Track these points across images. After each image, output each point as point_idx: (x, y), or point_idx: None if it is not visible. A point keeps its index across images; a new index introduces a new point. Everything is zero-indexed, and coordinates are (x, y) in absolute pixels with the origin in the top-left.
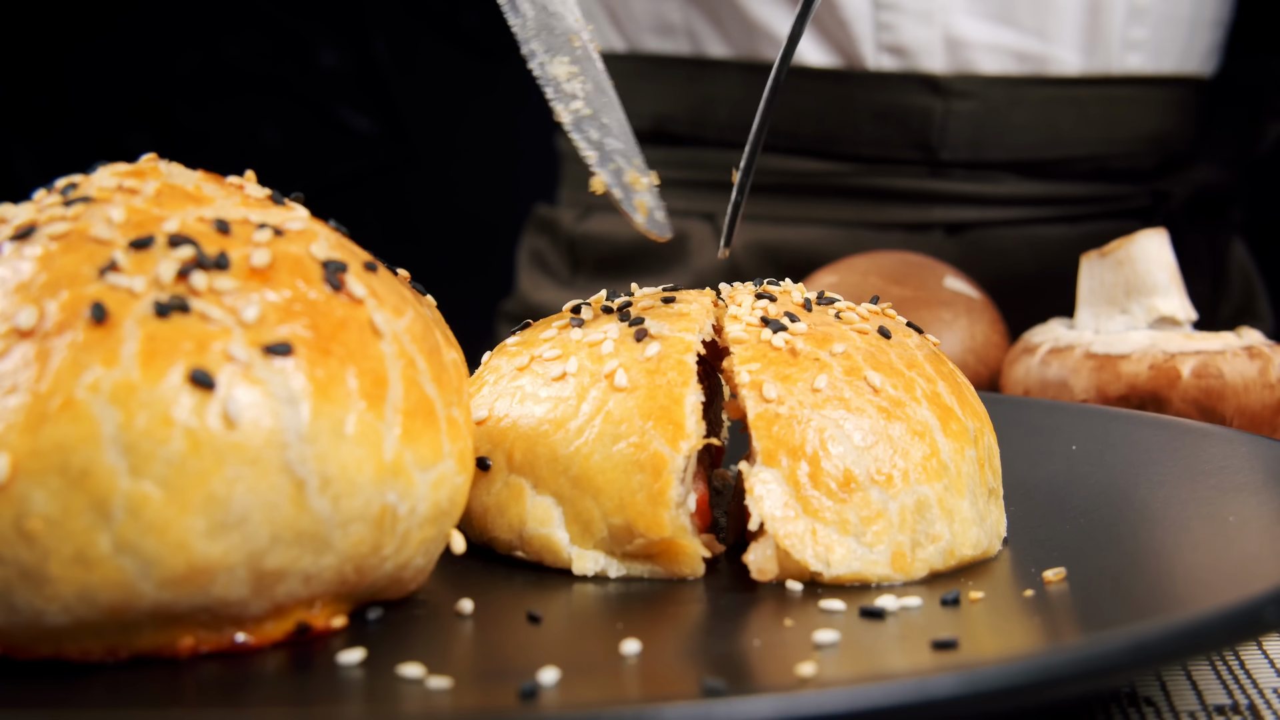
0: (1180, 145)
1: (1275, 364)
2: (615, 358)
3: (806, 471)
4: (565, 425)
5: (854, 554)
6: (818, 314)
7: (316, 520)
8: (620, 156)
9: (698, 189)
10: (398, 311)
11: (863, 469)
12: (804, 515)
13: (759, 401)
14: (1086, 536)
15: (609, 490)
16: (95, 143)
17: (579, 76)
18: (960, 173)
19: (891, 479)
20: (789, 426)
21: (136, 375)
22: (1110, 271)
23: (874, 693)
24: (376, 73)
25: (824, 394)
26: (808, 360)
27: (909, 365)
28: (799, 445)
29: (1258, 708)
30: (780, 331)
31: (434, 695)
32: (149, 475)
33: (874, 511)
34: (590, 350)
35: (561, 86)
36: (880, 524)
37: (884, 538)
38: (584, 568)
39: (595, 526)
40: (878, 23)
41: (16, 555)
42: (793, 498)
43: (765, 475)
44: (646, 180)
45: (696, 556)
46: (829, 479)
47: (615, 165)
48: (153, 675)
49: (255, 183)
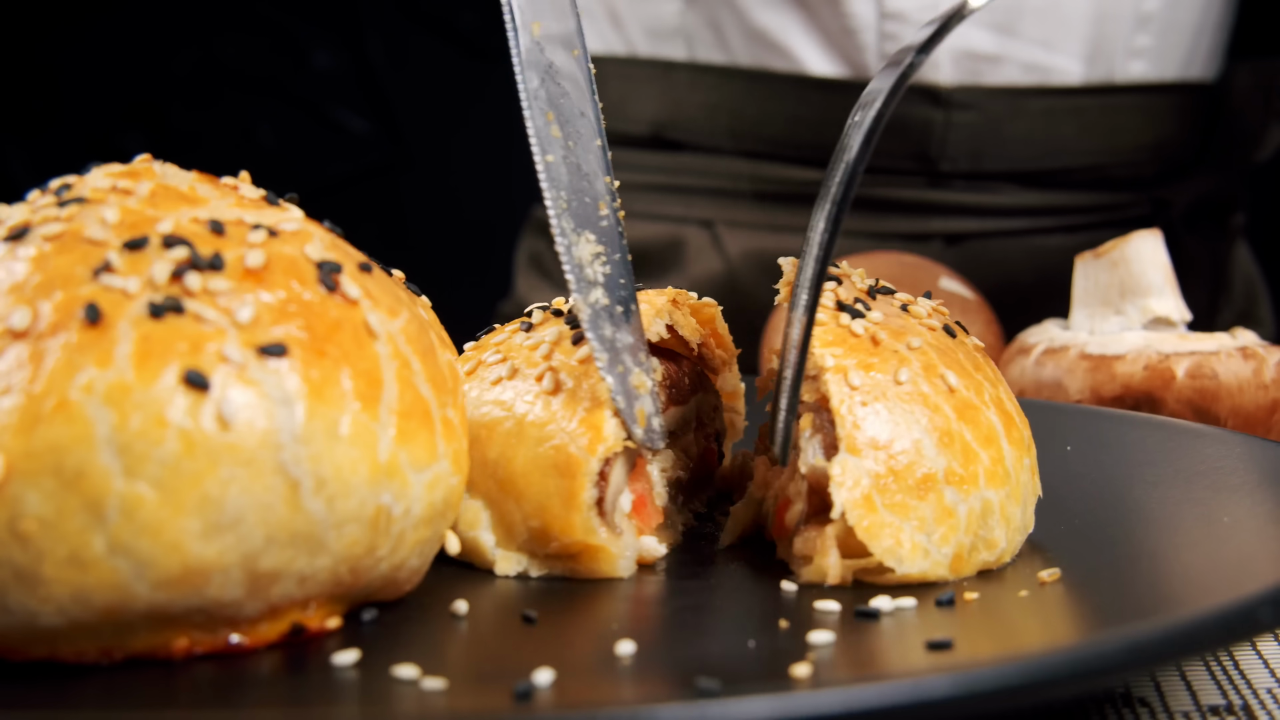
0: (1181, 152)
1: (1270, 365)
2: (548, 361)
3: (888, 464)
4: (495, 429)
5: (923, 552)
6: (883, 303)
7: (311, 521)
8: (629, 355)
9: (695, 195)
10: (392, 312)
11: (940, 468)
12: (884, 509)
13: (844, 388)
14: (1081, 537)
15: (529, 493)
16: (89, 143)
17: (602, 256)
18: (960, 183)
19: (964, 481)
20: (874, 417)
21: (131, 376)
22: (1105, 272)
23: (869, 693)
24: (371, 73)
25: (905, 388)
26: (889, 352)
27: (974, 367)
28: (883, 437)
29: (1251, 708)
30: (859, 318)
31: (428, 696)
32: (143, 476)
33: (946, 512)
34: (527, 354)
35: (585, 271)
36: (949, 525)
37: (950, 539)
38: (506, 569)
39: (517, 529)
40: (883, 32)
41: (11, 557)
42: (875, 490)
43: (850, 464)
44: (649, 381)
45: (615, 559)
46: (909, 475)
47: (623, 367)
48: (148, 676)
49: (250, 183)
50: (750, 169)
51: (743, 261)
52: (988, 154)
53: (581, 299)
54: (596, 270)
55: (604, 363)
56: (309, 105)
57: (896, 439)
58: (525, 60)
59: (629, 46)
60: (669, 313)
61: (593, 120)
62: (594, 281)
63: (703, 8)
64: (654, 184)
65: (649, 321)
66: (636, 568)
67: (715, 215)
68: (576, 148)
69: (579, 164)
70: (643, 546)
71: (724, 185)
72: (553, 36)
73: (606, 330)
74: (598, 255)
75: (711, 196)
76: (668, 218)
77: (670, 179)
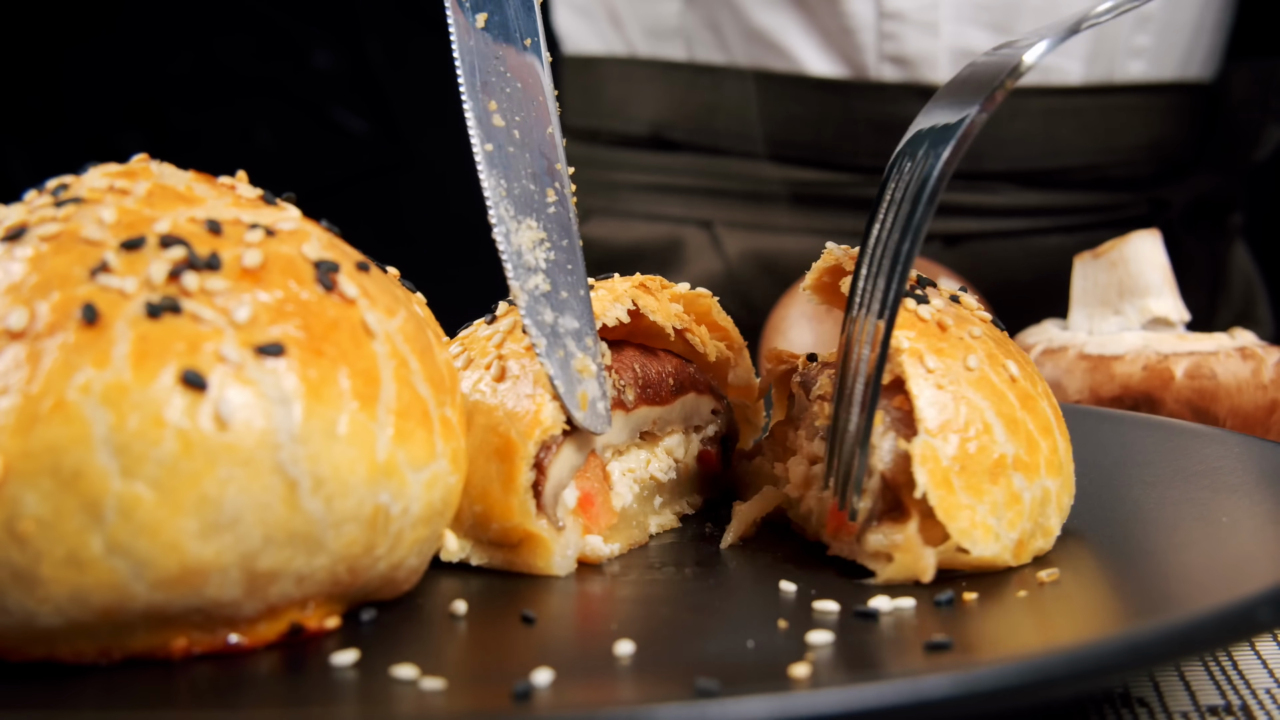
0: (1179, 152)
1: (1268, 365)
2: (499, 350)
3: (963, 447)
4: None
5: (994, 536)
6: (933, 293)
7: (309, 521)
8: (572, 339)
9: (694, 195)
10: (390, 311)
11: (1010, 454)
12: (961, 490)
13: (921, 369)
14: (1080, 537)
15: (474, 478)
16: (89, 144)
17: (546, 242)
18: (959, 184)
19: (1029, 468)
20: (952, 401)
21: (128, 376)
22: (1104, 272)
23: (867, 694)
24: (370, 73)
25: (975, 374)
26: (955, 338)
27: (1025, 360)
28: (960, 421)
29: (1250, 708)
30: (924, 304)
31: (427, 696)
32: (141, 476)
33: (1014, 497)
34: (482, 345)
35: (524, 258)
36: (1015, 510)
37: (1016, 525)
38: (449, 554)
39: (464, 514)
40: (881, 32)
41: (8, 557)
42: (955, 473)
43: (930, 443)
44: (595, 365)
45: (550, 552)
46: (984, 458)
47: (563, 352)
48: (145, 677)
49: (247, 183)
50: (750, 169)
51: (741, 261)
52: (987, 154)
53: (518, 285)
54: (538, 256)
55: (542, 348)
56: (308, 106)
57: (971, 423)
58: (464, 48)
59: (629, 46)
60: (634, 297)
61: (547, 108)
62: (534, 268)
63: (702, 8)
64: (653, 184)
65: (605, 307)
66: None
67: (714, 215)
68: (524, 136)
69: (525, 152)
70: (587, 545)
71: (723, 185)
72: (503, 25)
73: (546, 316)
74: (540, 241)
75: (711, 197)
76: (667, 218)
77: (670, 179)
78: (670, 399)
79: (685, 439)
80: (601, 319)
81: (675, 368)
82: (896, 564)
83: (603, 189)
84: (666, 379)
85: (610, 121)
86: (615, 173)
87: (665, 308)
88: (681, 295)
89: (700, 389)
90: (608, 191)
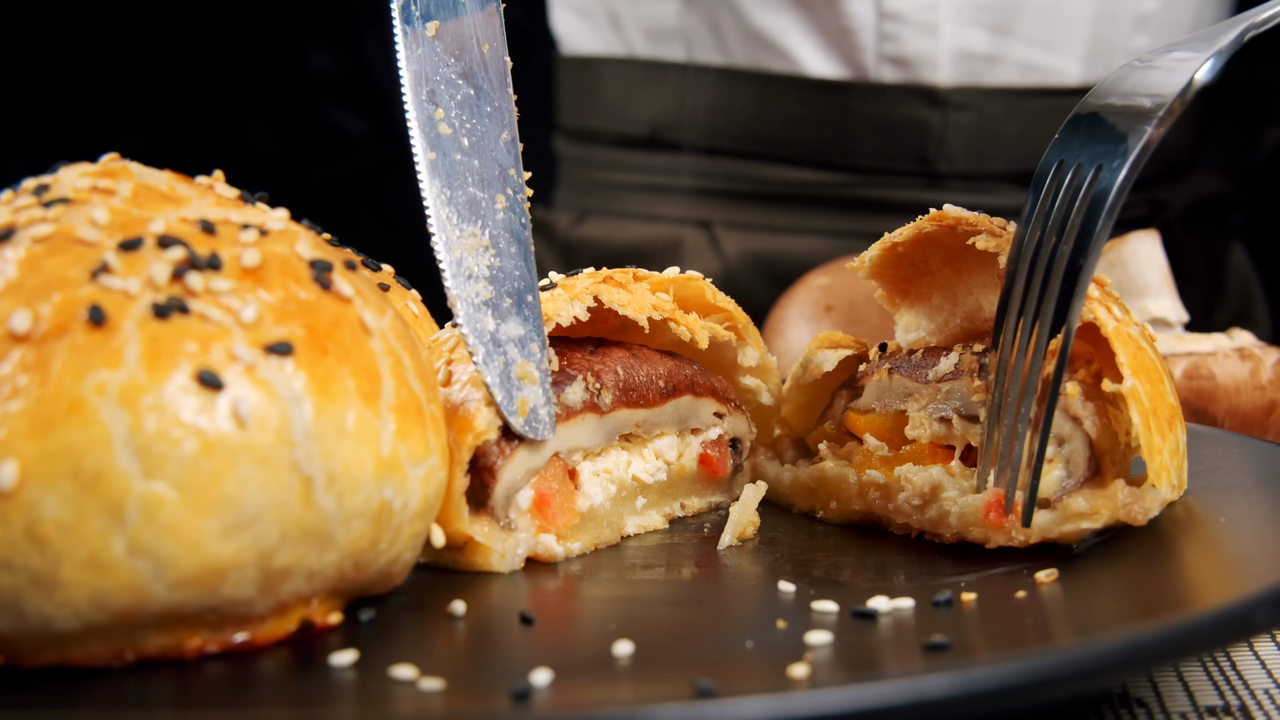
0: (1178, 153)
1: (1266, 366)
2: (449, 355)
3: (1155, 396)
4: None
5: (1169, 478)
6: None
7: (323, 517)
8: (515, 345)
9: (692, 196)
10: (380, 310)
11: (1178, 406)
12: (1155, 433)
13: (1111, 319)
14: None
15: None
16: (88, 145)
17: (491, 249)
18: (958, 184)
19: (1180, 423)
20: (1139, 350)
21: (143, 377)
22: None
23: (866, 694)
24: (368, 73)
25: (1140, 331)
26: (1113, 299)
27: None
28: (1146, 365)
29: (1249, 709)
30: None
31: (426, 696)
32: (163, 477)
33: (1178, 444)
34: (438, 349)
35: (463, 265)
36: (1179, 458)
37: (1177, 472)
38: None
39: None
40: (881, 33)
41: (27, 562)
42: (1150, 415)
43: (1139, 388)
44: (539, 372)
45: (489, 554)
46: (1164, 406)
47: (503, 359)
48: (143, 677)
49: (224, 182)
50: (749, 169)
51: (740, 262)
52: (985, 155)
53: (456, 293)
54: (480, 263)
55: (479, 356)
56: (306, 106)
57: (1151, 374)
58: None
59: (628, 47)
60: (597, 293)
61: (504, 114)
62: (474, 275)
63: (701, 9)
64: (652, 184)
65: (560, 307)
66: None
67: (713, 216)
68: (475, 142)
69: (473, 158)
70: (539, 544)
71: (722, 186)
72: (456, 32)
73: (488, 323)
74: (484, 248)
75: (709, 197)
76: (665, 218)
77: (669, 179)
78: (658, 401)
79: (680, 441)
80: (555, 319)
81: (669, 370)
82: (1106, 517)
83: (601, 189)
84: (655, 381)
85: (609, 122)
86: (614, 173)
87: (639, 300)
88: (670, 281)
89: (699, 391)
90: (606, 192)
